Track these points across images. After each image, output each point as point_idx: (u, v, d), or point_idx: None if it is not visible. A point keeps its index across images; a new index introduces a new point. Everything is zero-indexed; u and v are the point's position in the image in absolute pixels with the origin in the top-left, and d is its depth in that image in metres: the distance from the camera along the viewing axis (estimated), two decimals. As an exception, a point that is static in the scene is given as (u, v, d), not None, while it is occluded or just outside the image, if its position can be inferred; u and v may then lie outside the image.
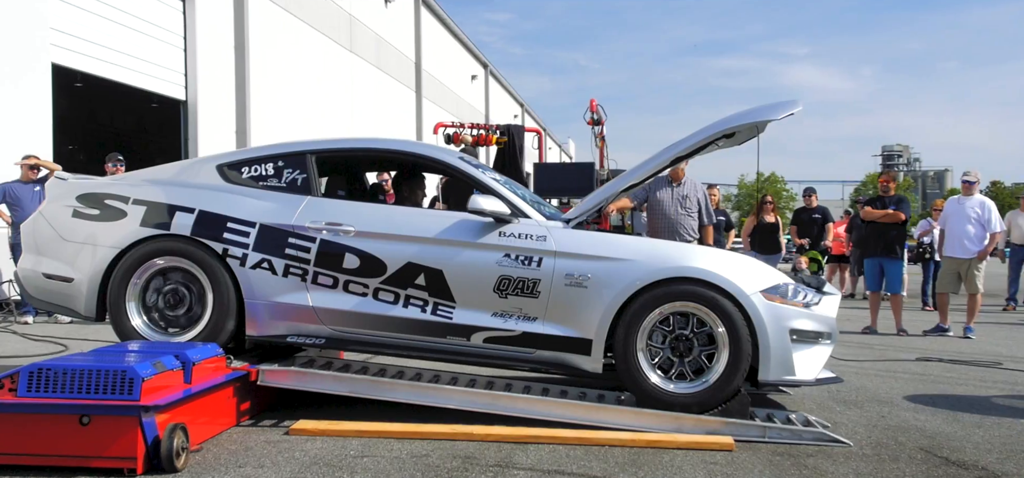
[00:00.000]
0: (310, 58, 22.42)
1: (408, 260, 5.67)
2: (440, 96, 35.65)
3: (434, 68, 34.79)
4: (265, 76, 19.74)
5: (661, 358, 5.55)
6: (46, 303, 6.03)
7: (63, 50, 13.55)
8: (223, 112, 18.19)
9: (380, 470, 4.59)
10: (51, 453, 4.41)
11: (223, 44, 18.23)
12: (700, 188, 9.20)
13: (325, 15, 23.49)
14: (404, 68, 31.06)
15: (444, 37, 37.37)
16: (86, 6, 14.17)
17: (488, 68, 47.26)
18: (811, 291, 5.81)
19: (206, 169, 6.05)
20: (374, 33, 27.74)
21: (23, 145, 12.16)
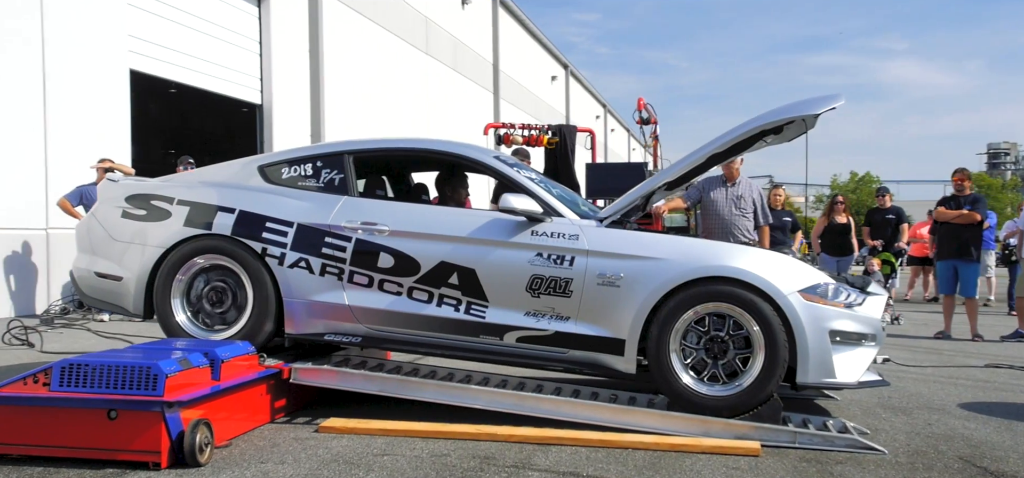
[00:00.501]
0: (384, 60, 22.69)
1: (441, 259, 5.70)
2: (518, 97, 35.72)
3: (512, 69, 34.88)
4: (339, 79, 20.06)
5: (695, 359, 5.46)
6: (99, 301, 6.25)
7: (141, 56, 14.00)
8: (298, 115, 18.54)
9: (397, 469, 4.63)
10: (81, 445, 4.56)
11: (298, 48, 18.59)
12: (756, 188, 9.03)
13: (400, 18, 23.76)
14: (481, 70, 31.22)
15: (523, 38, 37.43)
16: (163, 13, 14.62)
17: (569, 69, 47.19)
18: (854, 291, 5.65)
19: (248, 170, 6.18)
20: (450, 35, 27.94)
21: (102, 148, 12.62)
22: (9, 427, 4.62)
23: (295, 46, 18.47)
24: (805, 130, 6.45)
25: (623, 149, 67.89)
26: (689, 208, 9.43)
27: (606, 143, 59.11)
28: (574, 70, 48.54)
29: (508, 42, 34.55)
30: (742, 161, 9.02)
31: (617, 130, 64.40)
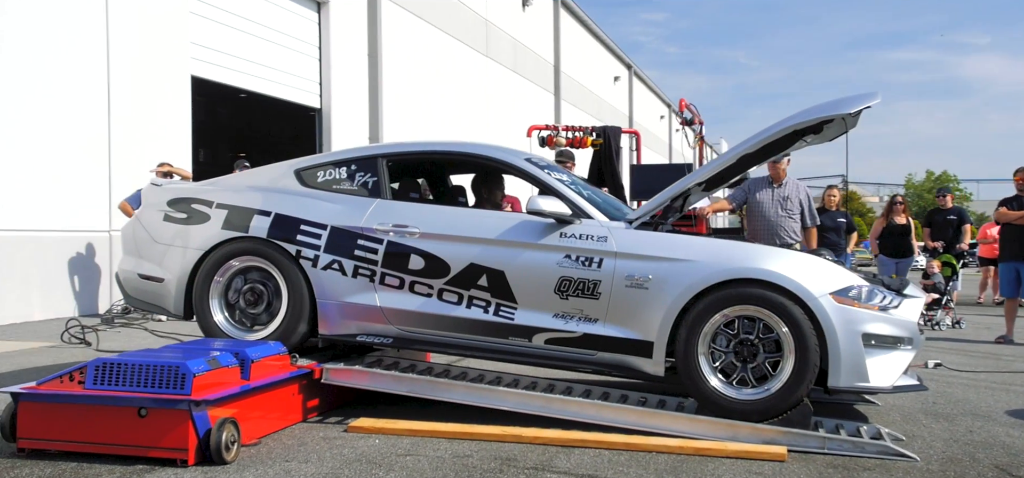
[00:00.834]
0: (443, 63, 22.86)
1: (471, 261, 5.74)
2: (580, 98, 35.67)
3: (574, 71, 34.84)
4: (397, 82, 20.28)
5: (724, 362, 5.41)
6: (142, 302, 6.42)
7: (202, 63, 14.34)
8: (356, 118, 18.79)
9: (417, 469, 4.68)
10: (113, 442, 4.71)
11: (356, 52, 18.84)
12: (802, 189, 8.90)
13: (460, 21, 23.91)
14: (542, 71, 31.25)
15: (585, 39, 37.37)
16: (224, 20, 14.95)
17: (632, 69, 46.96)
18: (890, 294, 5.53)
19: (286, 174, 6.30)
20: (511, 37, 28.03)
21: (164, 153, 12.96)
22: (46, 423, 4.79)
23: (353, 50, 18.73)
24: (846, 129, 6.35)
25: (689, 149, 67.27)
26: (735, 210, 9.32)
27: (670, 143, 58.66)
28: (638, 70, 48.29)
29: (569, 43, 34.52)
30: (788, 162, 8.91)
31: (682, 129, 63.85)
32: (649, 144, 51.97)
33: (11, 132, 11.07)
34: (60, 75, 11.74)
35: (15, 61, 11.12)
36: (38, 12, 11.43)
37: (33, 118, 11.36)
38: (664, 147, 56.54)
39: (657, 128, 53.78)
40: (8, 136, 11.03)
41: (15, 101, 11.13)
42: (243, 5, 15.48)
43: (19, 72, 11.17)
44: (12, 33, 11.11)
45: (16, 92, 11.14)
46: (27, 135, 11.27)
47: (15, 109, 11.13)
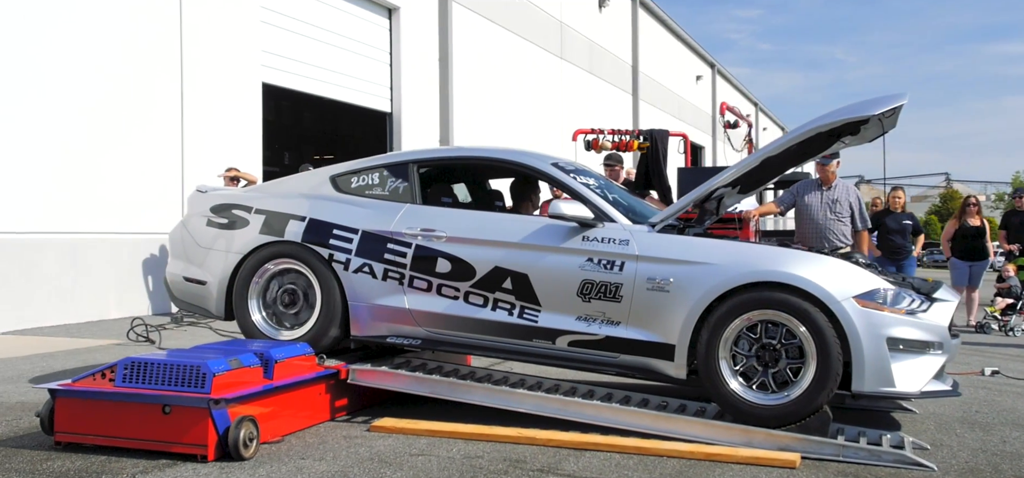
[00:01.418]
0: (515, 65, 22.99)
1: (495, 264, 5.82)
2: (659, 98, 35.42)
3: (652, 70, 34.62)
4: (468, 85, 20.48)
5: (746, 366, 5.38)
6: (187, 304, 6.68)
7: (273, 70, 14.76)
8: (426, 121, 19.06)
9: (425, 469, 4.79)
10: (141, 437, 4.94)
11: (427, 57, 19.11)
12: (853, 192, 8.72)
13: (532, 23, 24.01)
14: (619, 72, 31.14)
15: (665, 38, 37.09)
16: (295, 28, 15.35)
17: (715, 68, 46.40)
18: (919, 298, 5.42)
19: (322, 180, 6.48)
20: (586, 39, 28.02)
21: (235, 158, 13.38)
22: (81, 418, 5.05)
23: (424, 55, 19.00)
24: (883, 131, 6.27)
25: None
26: (783, 212, 9.18)
27: (758, 142, 57.69)
28: (721, 68, 47.68)
29: (648, 43, 34.32)
30: (838, 164, 8.74)
31: (770, 129, 62.68)
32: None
33: (88, 140, 11.59)
34: (134, 83, 12.23)
35: (91, 71, 11.64)
36: (113, 22, 11.93)
37: (108, 126, 11.87)
38: (750, 146, 55.49)
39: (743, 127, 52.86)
40: (85, 144, 11.55)
41: (91, 110, 11.65)
42: (314, 13, 15.87)
43: (95, 82, 11.69)
44: (88, 44, 11.62)
45: (92, 101, 11.66)
46: (103, 142, 11.78)
47: (91, 118, 11.65)
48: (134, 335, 9.44)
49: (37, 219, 10.95)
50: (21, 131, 10.75)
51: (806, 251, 5.69)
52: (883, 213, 11.96)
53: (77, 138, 11.43)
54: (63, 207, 11.24)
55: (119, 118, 12.01)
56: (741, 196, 7.03)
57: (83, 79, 11.51)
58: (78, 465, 4.76)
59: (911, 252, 11.64)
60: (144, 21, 12.37)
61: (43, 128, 11.01)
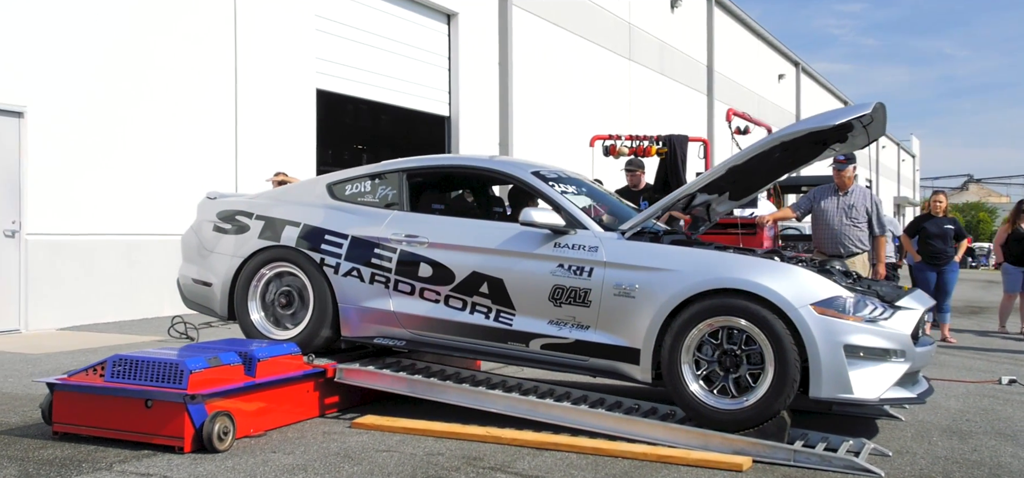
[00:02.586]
0: (579, 68, 23.10)
1: (473, 269, 6.05)
2: (736, 98, 34.97)
3: (729, 70, 34.26)
4: (529, 88, 20.69)
5: (709, 371, 5.49)
6: (196, 304, 7.08)
7: (327, 76, 15.25)
8: (485, 125, 19.34)
9: (382, 464, 5.05)
10: (127, 429, 5.32)
11: (486, 61, 19.39)
12: (870, 197, 8.65)
13: (599, 26, 24.09)
14: (692, 72, 30.94)
15: (743, 37, 36.64)
16: (350, 36, 15.81)
17: (800, 66, 45.58)
18: (881, 305, 5.45)
19: (318, 188, 6.81)
20: (657, 39, 27.94)
21: (288, 162, 13.90)
22: (75, 410, 5.47)
23: (483, 59, 19.29)
24: (869, 139, 6.34)
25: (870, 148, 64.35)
26: (800, 218, 9.15)
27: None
28: (806, 67, 46.81)
29: (725, 42, 33.97)
30: (855, 169, 8.69)
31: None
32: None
33: (144, 144, 12.22)
34: (188, 91, 12.83)
35: (149, 79, 12.26)
36: (170, 34, 12.54)
37: (164, 132, 12.48)
38: (839, 145, 54.23)
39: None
40: (142, 149, 12.18)
41: (148, 116, 12.27)
42: (371, 21, 16.31)
43: (153, 89, 12.32)
44: (146, 51, 12.25)
45: (149, 107, 12.28)
46: (160, 147, 12.40)
47: (148, 124, 12.27)
48: (175, 333, 9.94)
49: (96, 221, 11.60)
50: (80, 136, 11.40)
51: (769, 258, 5.75)
52: (924, 218, 11.75)
53: (134, 143, 12.06)
54: (120, 209, 11.87)
55: (174, 124, 12.61)
56: (733, 202, 7.11)
57: (141, 86, 12.14)
58: (67, 454, 5.16)
59: (952, 257, 11.41)
60: (199, 32, 12.97)
61: (101, 133, 11.66)
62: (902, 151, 79.21)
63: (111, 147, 11.75)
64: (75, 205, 11.32)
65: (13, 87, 10.58)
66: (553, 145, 20.94)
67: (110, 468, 4.89)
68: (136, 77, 12.07)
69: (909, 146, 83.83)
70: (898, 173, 76.60)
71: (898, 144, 77.68)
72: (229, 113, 13.42)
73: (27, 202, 10.73)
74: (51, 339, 10.06)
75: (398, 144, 22.17)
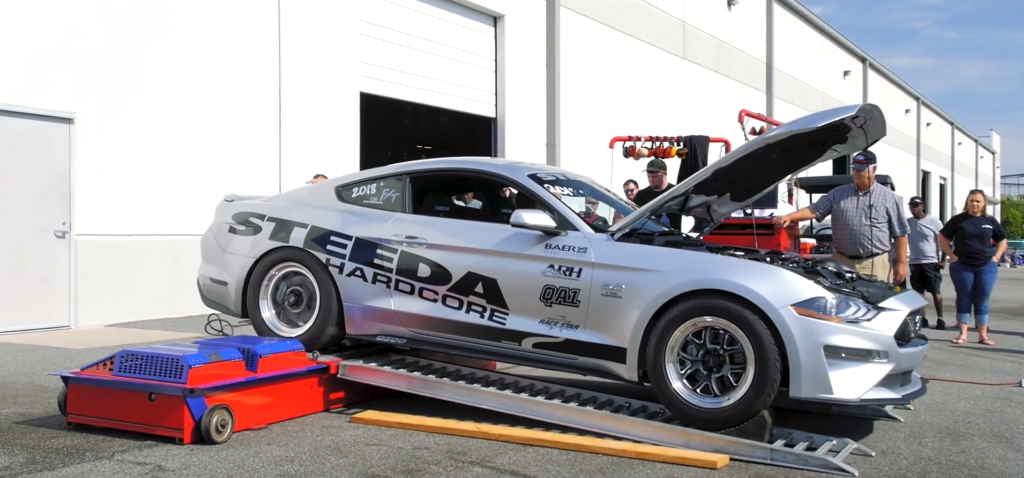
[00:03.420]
0: (630, 68, 23.10)
1: (469, 270, 6.23)
2: (797, 95, 34.56)
3: (789, 67, 33.83)
4: (578, 89, 20.78)
5: (693, 371, 5.58)
6: (213, 303, 7.39)
7: (371, 79, 15.58)
8: (532, 126, 19.48)
9: (367, 457, 5.25)
10: (133, 420, 5.62)
11: (532, 62, 19.53)
12: (890, 197, 8.56)
13: (652, 25, 24.05)
14: (751, 70, 30.64)
15: (804, 33, 36.15)
16: (394, 40, 16.12)
17: (867, 62, 44.71)
18: (864, 306, 5.48)
19: (327, 191, 7.05)
20: (713, 37, 27.77)
21: (333, 163, 14.24)
22: (88, 402, 5.79)
23: (530, 60, 19.44)
24: (867, 139, 6.38)
25: (945, 145, 62.91)
26: (820, 218, 9.10)
27: (919, 140, 55.13)
28: (874, 62, 45.90)
29: (785, 39, 33.56)
30: (874, 169, 8.62)
31: (934, 124, 59.76)
32: (891, 140, 49.22)
33: (190, 148, 12.66)
34: (232, 96, 13.26)
35: (195, 82, 12.71)
36: (215, 40, 12.98)
37: (210, 135, 12.92)
38: (910, 143, 53.24)
39: (901, 123, 50.75)
40: (187, 152, 12.62)
41: (194, 119, 12.72)
42: (415, 25, 16.60)
43: (199, 93, 12.76)
44: (192, 59, 12.70)
45: (194, 111, 12.73)
46: (204, 150, 12.83)
47: (194, 127, 12.72)
48: (211, 330, 10.30)
49: (142, 221, 12.07)
50: (127, 141, 11.88)
51: (754, 260, 5.81)
52: (961, 217, 11.56)
53: (179, 146, 12.51)
54: (165, 210, 12.33)
55: (219, 128, 13.03)
56: (736, 203, 7.15)
57: (185, 91, 12.59)
58: (76, 443, 5.48)
59: (990, 258, 11.21)
60: (243, 38, 13.38)
61: (147, 137, 12.13)
62: (981, 147, 77.08)
63: (157, 150, 12.21)
64: (122, 207, 11.79)
65: (64, 95, 11.08)
66: (602, 146, 20.95)
67: (111, 457, 5.18)
68: (181, 82, 12.52)
69: (989, 142, 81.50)
70: (976, 170, 74.60)
71: (976, 141, 75.59)
72: (273, 116, 13.81)
73: (77, 204, 11.23)
74: (98, 335, 10.52)
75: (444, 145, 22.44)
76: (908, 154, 52.34)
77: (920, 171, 54.69)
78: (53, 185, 11.03)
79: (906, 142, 51.90)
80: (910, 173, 52.32)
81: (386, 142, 23.05)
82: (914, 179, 52.83)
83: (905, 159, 51.54)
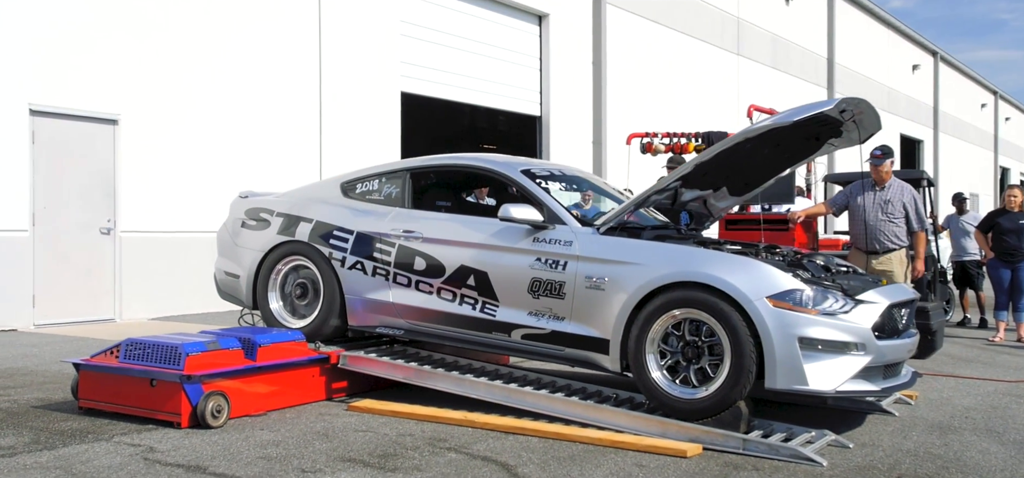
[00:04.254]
0: (681, 65, 22.98)
1: (461, 263, 6.39)
2: (861, 90, 33.81)
3: (852, 62, 33.22)
4: (625, 86, 20.77)
5: (673, 362, 5.65)
6: (228, 295, 7.68)
7: (412, 79, 15.84)
8: (578, 124, 19.54)
9: (352, 442, 5.45)
10: (136, 405, 5.90)
11: (579, 60, 19.60)
12: (908, 192, 8.47)
13: (704, 21, 23.91)
14: (810, 65, 30.19)
15: (869, 27, 35.45)
16: (437, 40, 16.35)
17: (938, 55, 43.61)
18: (842, 299, 5.49)
19: (332, 187, 7.28)
20: (769, 33, 27.45)
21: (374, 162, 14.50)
22: (96, 387, 6.09)
23: (575, 58, 19.51)
24: (859, 132, 6.38)
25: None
26: (836, 214, 9.03)
27: (996, 135, 53.58)
28: (945, 56, 44.75)
29: (848, 33, 32.96)
30: (892, 164, 8.54)
31: (1014, 118, 57.98)
32: (965, 135, 47.98)
33: (230, 147, 13.07)
34: (273, 95, 13.63)
35: (235, 84, 13.12)
36: (256, 39, 13.37)
37: (250, 134, 13.31)
38: (986, 138, 51.77)
39: (976, 118, 49.45)
40: (228, 151, 13.03)
41: (233, 120, 13.12)
42: (457, 25, 16.81)
43: (240, 94, 13.16)
44: (231, 59, 13.11)
45: (234, 112, 13.14)
46: (244, 149, 13.23)
47: (234, 127, 13.12)
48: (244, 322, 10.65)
49: (184, 219, 12.49)
50: (169, 141, 12.33)
51: (735, 253, 5.84)
52: (998, 213, 11.32)
53: (219, 145, 12.92)
54: (207, 208, 12.72)
55: (259, 128, 13.42)
56: (736, 198, 7.18)
57: (225, 91, 13.00)
58: (82, 426, 5.78)
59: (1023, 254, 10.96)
60: (283, 39, 13.75)
61: (188, 137, 12.56)
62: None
63: (198, 150, 12.62)
64: (165, 204, 12.23)
65: (108, 97, 11.55)
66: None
67: (110, 439, 5.46)
68: (221, 83, 12.93)
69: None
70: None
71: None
72: (313, 116, 14.16)
73: (121, 202, 11.69)
74: (140, 328, 10.94)
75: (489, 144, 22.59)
76: (984, 149, 50.94)
77: (998, 167, 53.12)
78: (98, 184, 11.50)
79: (981, 137, 50.51)
80: (987, 169, 50.92)
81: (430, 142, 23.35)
82: (991, 175, 51.39)
83: (981, 155, 50.17)
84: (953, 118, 45.46)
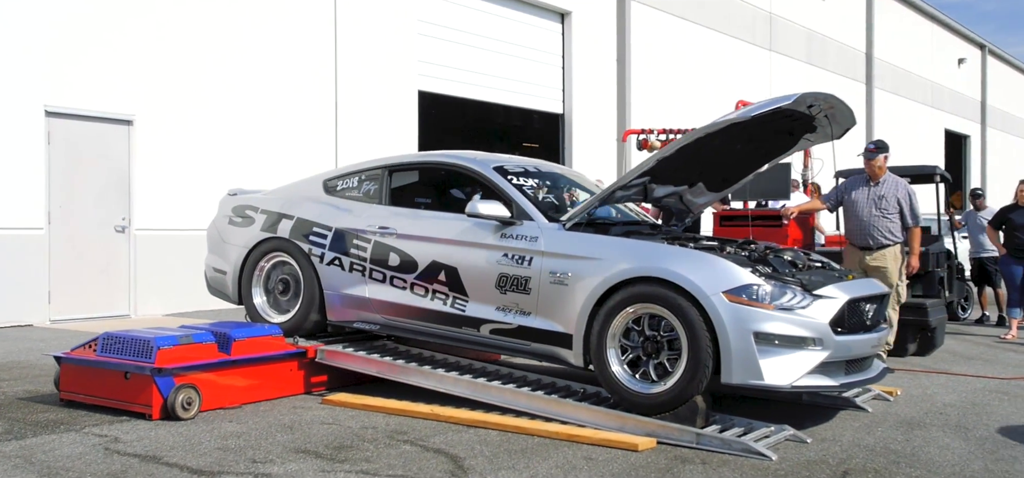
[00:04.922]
0: (709, 62, 22.80)
1: (433, 259, 6.47)
2: (902, 85, 33.37)
3: (893, 56, 32.68)
4: (650, 84, 20.67)
5: (634, 357, 5.67)
6: (216, 290, 7.83)
7: (429, 78, 15.96)
8: (602, 122, 19.49)
9: (313, 434, 5.54)
10: (111, 397, 6.06)
11: (603, 57, 19.56)
12: (902, 188, 8.35)
13: (734, 17, 23.71)
14: (847, 60, 29.77)
15: (911, 20, 34.83)
16: (454, 38, 16.45)
17: (986, 49, 42.69)
18: (800, 294, 5.47)
19: (314, 184, 7.40)
20: (804, 28, 27.13)
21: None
22: (76, 380, 6.27)
23: (599, 56, 19.47)
24: (832, 127, 6.39)
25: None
26: (831, 209, 8.93)
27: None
28: (993, 48, 43.79)
29: (888, 27, 32.42)
30: (886, 159, 8.43)
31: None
32: (1015, 129, 46.94)
33: (243, 146, 13.28)
34: (288, 94, 13.82)
35: (249, 84, 13.33)
36: (272, 40, 13.57)
37: (263, 133, 13.52)
38: (1033, 133, 50.56)
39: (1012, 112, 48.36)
40: (240, 150, 13.24)
41: (247, 119, 13.34)
42: (477, 23, 16.89)
43: (253, 94, 13.38)
44: (245, 58, 13.33)
45: (248, 111, 13.35)
46: (257, 148, 13.43)
47: (247, 126, 13.34)
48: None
49: (198, 217, 12.64)
50: (183, 140, 12.57)
51: (698, 249, 5.83)
52: (1010, 208, 11.11)
53: (232, 144, 13.14)
54: (224, 208, 12.99)
55: (272, 127, 13.62)
56: (714, 194, 7.16)
57: (239, 91, 13.22)
58: (57, 417, 5.95)
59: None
60: (298, 38, 13.94)
61: (202, 136, 12.80)
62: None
63: (212, 149, 12.85)
64: (179, 203, 12.47)
65: (123, 98, 11.82)
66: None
67: (80, 430, 5.62)
68: (235, 82, 13.15)
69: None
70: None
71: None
72: (329, 116, 14.33)
73: (135, 200, 11.96)
74: (152, 324, 11.18)
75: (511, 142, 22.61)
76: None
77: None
78: (113, 183, 11.77)
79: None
80: (1036, 163, 49.81)
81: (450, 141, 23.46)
82: (1041, 170, 50.23)
83: (1032, 148, 49.11)
84: (1002, 112, 44.53)
